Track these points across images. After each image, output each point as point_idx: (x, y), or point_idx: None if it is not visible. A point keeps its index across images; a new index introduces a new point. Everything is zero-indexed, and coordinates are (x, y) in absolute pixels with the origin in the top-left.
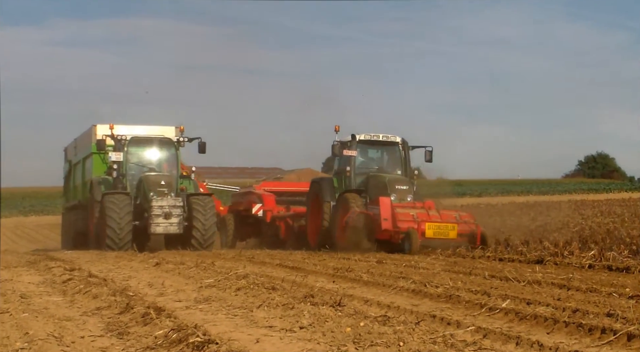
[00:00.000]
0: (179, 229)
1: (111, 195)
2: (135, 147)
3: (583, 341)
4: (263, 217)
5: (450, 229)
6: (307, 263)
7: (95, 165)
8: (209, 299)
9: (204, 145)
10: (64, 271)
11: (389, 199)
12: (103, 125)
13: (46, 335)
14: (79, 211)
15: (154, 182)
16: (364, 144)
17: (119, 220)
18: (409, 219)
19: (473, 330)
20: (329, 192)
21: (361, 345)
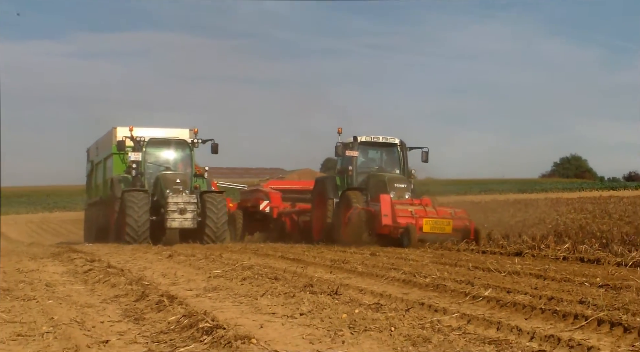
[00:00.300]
0: (193, 224)
1: (130, 192)
2: (153, 148)
3: (557, 325)
4: (270, 213)
5: (445, 225)
6: (306, 255)
7: (115, 165)
8: (217, 288)
9: (216, 146)
10: (85, 262)
11: (389, 196)
12: (122, 128)
13: (69, 320)
14: (100, 207)
15: (170, 180)
16: (365, 145)
17: (138, 215)
18: (407, 215)
19: (458, 316)
20: (333, 190)
21: (356, 330)
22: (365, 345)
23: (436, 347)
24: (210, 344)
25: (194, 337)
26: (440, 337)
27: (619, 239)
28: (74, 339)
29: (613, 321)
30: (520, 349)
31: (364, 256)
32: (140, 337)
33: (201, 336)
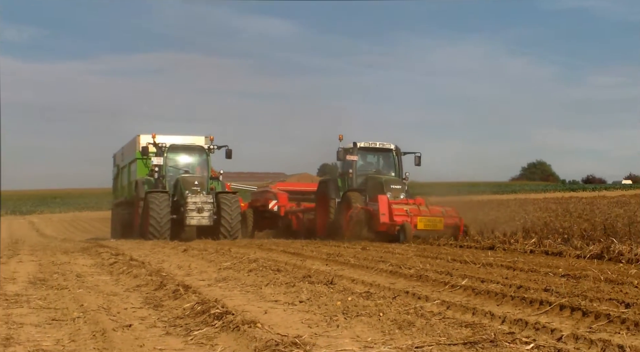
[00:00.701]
0: (209, 222)
1: (153, 193)
2: (173, 153)
3: (525, 310)
4: (278, 211)
5: (438, 222)
6: (305, 250)
7: (139, 169)
8: (226, 278)
9: (230, 151)
10: (111, 255)
11: (386, 196)
12: (145, 135)
13: (97, 307)
14: (125, 207)
15: (189, 183)
16: (363, 150)
17: (160, 214)
18: (403, 213)
19: (438, 303)
20: (334, 191)
21: (349, 315)
22: (357, 328)
23: (419, 330)
24: (221, 328)
25: (206, 322)
26: (422, 322)
27: (579, 235)
28: (101, 323)
29: (573, 306)
30: (493, 332)
31: (355, 250)
32: (159, 322)
33: (212, 320)
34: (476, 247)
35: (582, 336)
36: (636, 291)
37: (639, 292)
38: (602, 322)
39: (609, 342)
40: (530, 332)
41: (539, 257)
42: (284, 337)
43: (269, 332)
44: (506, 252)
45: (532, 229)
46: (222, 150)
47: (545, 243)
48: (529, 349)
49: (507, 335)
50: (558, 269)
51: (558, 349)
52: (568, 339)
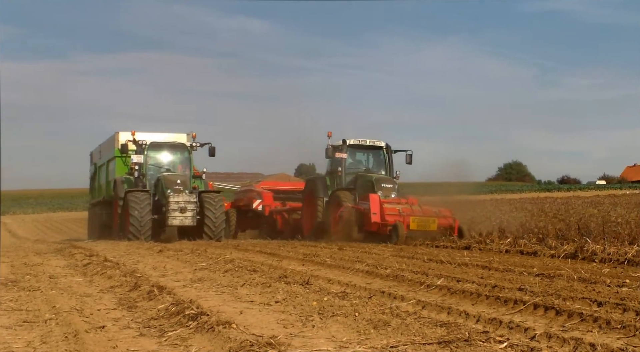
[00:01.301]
0: (192, 222)
1: (133, 192)
2: (154, 151)
3: (500, 310)
4: (262, 211)
5: (431, 222)
6: (282, 250)
7: (118, 167)
8: (201, 279)
9: (213, 149)
10: (85, 256)
11: (378, 195)
12: (125, 132)
13: (70, 308)
14: (103, 206)
15: (171, 181)
16: (353, 148)
17: (141, 214)
18: (395, 213)
19: (414, 303)
20: (323, 190)
21: (325, 315)
22: (332, 328)
23: (394, 330)
24: (195, 329)
25: (180, 322)
26: (398, 321)
27: (553, 234)
28: (74, 325)
29: (547, 305)
30: (467, 331)
31: (332, 250)
32: (133, 323)
33: (187, 321)
34: (452, 247)
35: (555, 334)
36: (608, 290)
37: (611, 291)
38: (575, 321)
39: (581, 340)
40: (504, 331)
41: (514, 257)
42: (259, 337)
43: (244, 332)
44: (482, 252)
45: (507, 229)
46: (205, 148)
47: (521, 243)
48: (503, 347)
49: (481, 334)
50: (532, 269)
51: (531, 348)
52: (541, 337)
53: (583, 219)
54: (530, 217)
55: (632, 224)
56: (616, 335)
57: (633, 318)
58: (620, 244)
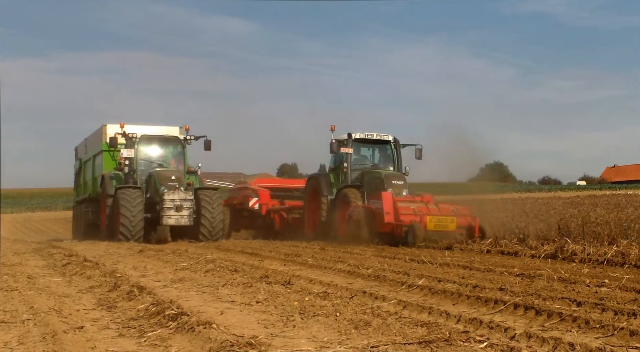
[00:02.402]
0: (189, 221)
1: (124, 189)
2: (145, 145)
3: (480, 310)
4: (259, 210)
5: (449, 222)
6: (263, 250)
7: (106, 162)
8: (182, 279)
9: (209, 143)
10: (64, 256)
11: (391, 193)
12: (113, 125)
13: (48, 308)
14: (89, 204)
15: (164, 177)
16: (358, 142)
17: (132, 213)
18: (410, 212)
19: (395, 303)
20: (327, 187)
21: (306, 315)
22: (313, 328)
23: (375, 330)
24: (175, 329)
25: (160, 323)
26: (379, 321)
27: (534, 235)
28: (52, 325)
29: (527, 305)
30: (448, 331)
31: (314, 250)
32: (112, 323)
33: (167, 322)
34: (434, 247)
35: (535, 334)
36: (588, 290)
37: (590, 291)
38: (555, 321)
39: (560, 340)
40: (485, 331)
41: (495, 257)
42: (240, 337)
43: (224, 332)
44: (463, 252)
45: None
46: (199, 142)
47: (502, 243)
48: (483, 347)
49: (461, 334)
50: (513, 269)
51: (511, 348)
52: (521, 337)
53: (564, 219)
54: (511, 217)
55: (612, 224)
56: (595, 335)
57: (611, 318)
58: (600, 245)
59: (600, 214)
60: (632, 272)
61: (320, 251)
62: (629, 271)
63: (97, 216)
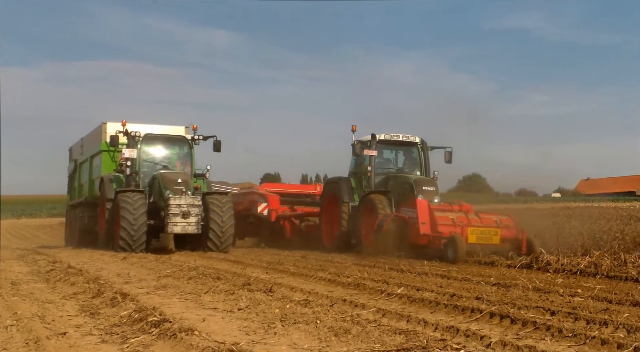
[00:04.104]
0: (197, 229)
1: (126, 193)
2: (149, 144)
3: (457, 318)
4: (268, 216)
5: (493, 234)
6: (246, 258)
7: (105, 163)
8: (165, 286)
9: (219, 143)
10: (48, 263)
11: (427, 201)
12: (113, 123)
13: (31, 315)
14: (84, 208)
15: (170, 180)
16: (381, 144)
17: (134, 220)
18: (449, 223)
19: (374, 311)
20: (348, 193)
21: (287, 323)
22: (294, 336)
23: (355, 337)
24: (158, 336)
25: (143, 329)
26: (358, 329)
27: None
28: (35, 331)
29: (502, 314)
30: (425, 339)
31: (295, 258)
32: (95, 329)
33: (150, 328)
34: (413, 257)
35: (510, 342)
36: (561, 299)
37: (563, 301)
38: (529, 329)
39: (534, 348)
40: (461, 338)
41: (472, 267)
42: (221, 344)
43: (206, 339)
44: (441, 262)
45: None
46: (208, 142)
47: (479, 253)
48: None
49: (439, 342)
50: (490, 278)
51: None
52: (496, 345)
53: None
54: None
55: (585, 236)
56: (567, 343)
57: (584, 327)
58: (573, 255)
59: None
60: (604, 282)
61: (302, 259)
62: (601, 281)
63: (93, 222)
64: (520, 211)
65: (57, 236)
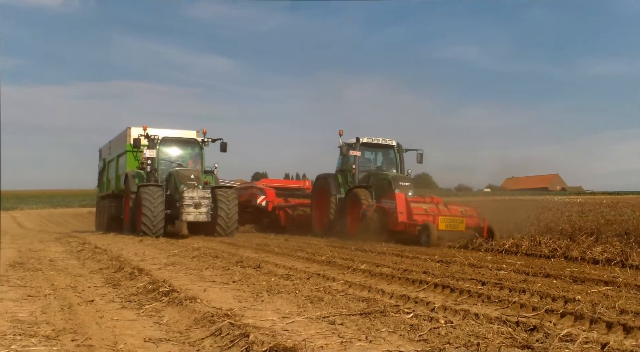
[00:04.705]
0: (207, 218)
1: (146, 187)
2: (166, 146)
3: (408, 288)
4: (265, 206)
5: (459, 222)
6: (239, 240)
7: (129, 162)
8: (174, 263)
9: (225, 145)
10: (79, 244)
11: (404, 194)
12: (136, 128)
13: (65, 285)
14: (112, 199)
15: (184, 176)
16: (364, 146)
17: (154, 209)
18: (422, 212)
19: (343, 282)
20: (335, 187)
21: (272, 293)
22: (278, 303)
23: (326, 304)
24: (167, 303)
25: (155, 298)
26: (329, 297)
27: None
28: (68, 299)
29: (444, 285)
30: (383, 305)
31: (279, 241)
32: (117, 298)
33: (161, 297)
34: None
35: (450, 307)
36: (490, 273)
37: (492, 274)
38: (465, 297)
39: (468, 311)
40: (412, 304)
41: (421, 248)
42: (219, 310)
43: (206, 306)
44: (396, 243)
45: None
46: (216, 144)
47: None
48: (409, 317)
49: (393, 307)
50: (434, 256)
51: (431, 317)
52: (439, 309)
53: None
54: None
55: (509, 222)
56: (495, 307)
57: (507, 294)
58: (500, 238)
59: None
60: (523, 259)
61: (285, 241)
62: (521, 258)
63: (119, 211)
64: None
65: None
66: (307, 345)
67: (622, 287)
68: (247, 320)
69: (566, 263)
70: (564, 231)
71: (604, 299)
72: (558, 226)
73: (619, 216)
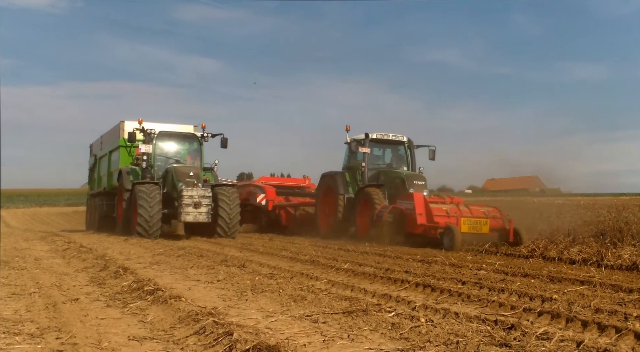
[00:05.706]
0: (207, 218)
1: (142, 185)
2: (163, 141)
3: (390, 287)
4: (265, 205)
5: (483, 224)
6: (223, 240)
7: (122, 157)
8: (159, 262)
9: (225, 140)
10: (64, 243)
11: (422, 194)
12: (131, 122)
13: (50, 284)
14: (103, 197)
15: (182, 173)
16: (373, 142)
17: (150, 209)
18: (443, 214)
19: (326, 282)
20: (343, 186)
21: (256, 291)
22: (262, 301)
23: (310, 303)
24: (152, 301)
25: (140, 296)
26: (313, 296)
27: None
28: (53, 297)
29: (425, 284)
30: (365, 303)
31: (264, 240)
32: (102, 296)
33: (146, 295)
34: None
35: (430, 306)
36: (470, 273)
37: (472, 273)
38: (445, 296)
39: (448, 310)
40: (393, 303)
41: (403, 247)
42: (203, 308)
43: (191, 304)
44: (379, 244)
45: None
46: (216, 139)
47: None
48: (391, 316)
49: (375, 306)
50: (416, 256)
51: (412, 316)
52: (420, 308)
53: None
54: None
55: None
56: (474, 306)
57: (486, 293)
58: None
59: None
60: (502, 259)
61: (269, 241)
62: (500, 258)
63: (111, 209)
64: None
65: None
66: (290, 343)
67: (597, 286)
68: (231, 318)
69: (544, 263)
70: (542, 232)
71: (579, 298)
72: (537, 227)
73: (595, 217)
